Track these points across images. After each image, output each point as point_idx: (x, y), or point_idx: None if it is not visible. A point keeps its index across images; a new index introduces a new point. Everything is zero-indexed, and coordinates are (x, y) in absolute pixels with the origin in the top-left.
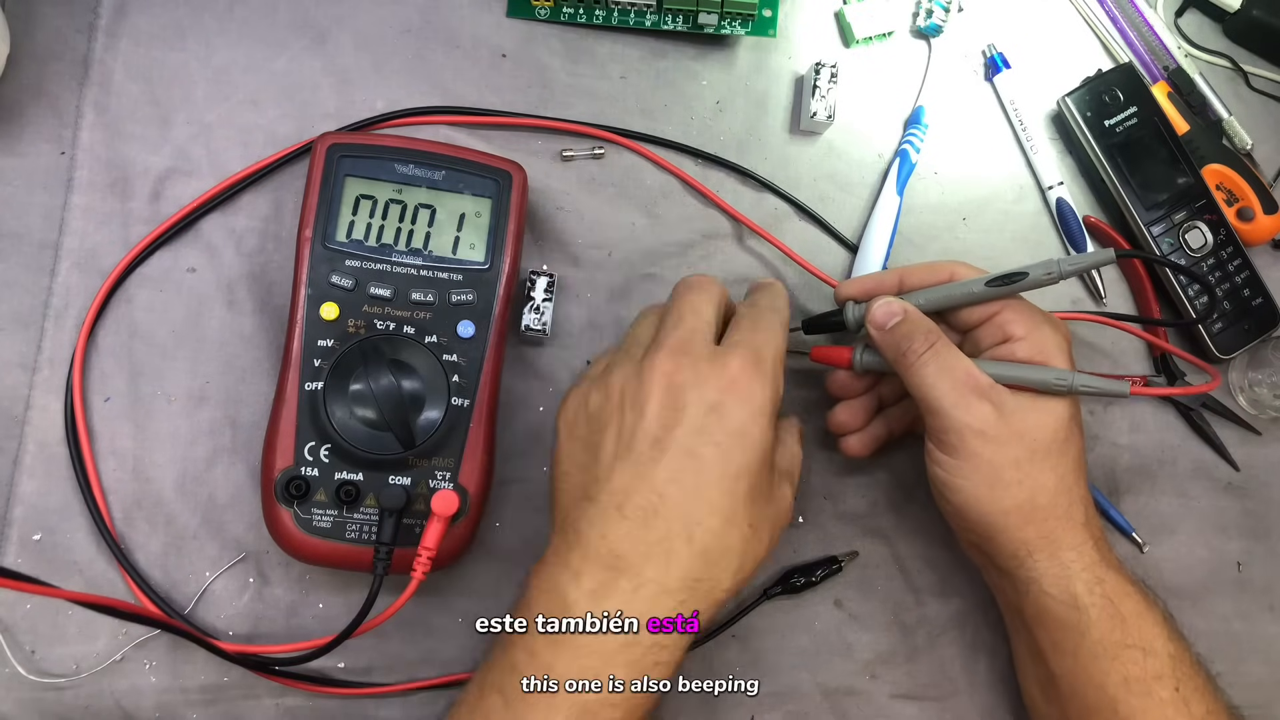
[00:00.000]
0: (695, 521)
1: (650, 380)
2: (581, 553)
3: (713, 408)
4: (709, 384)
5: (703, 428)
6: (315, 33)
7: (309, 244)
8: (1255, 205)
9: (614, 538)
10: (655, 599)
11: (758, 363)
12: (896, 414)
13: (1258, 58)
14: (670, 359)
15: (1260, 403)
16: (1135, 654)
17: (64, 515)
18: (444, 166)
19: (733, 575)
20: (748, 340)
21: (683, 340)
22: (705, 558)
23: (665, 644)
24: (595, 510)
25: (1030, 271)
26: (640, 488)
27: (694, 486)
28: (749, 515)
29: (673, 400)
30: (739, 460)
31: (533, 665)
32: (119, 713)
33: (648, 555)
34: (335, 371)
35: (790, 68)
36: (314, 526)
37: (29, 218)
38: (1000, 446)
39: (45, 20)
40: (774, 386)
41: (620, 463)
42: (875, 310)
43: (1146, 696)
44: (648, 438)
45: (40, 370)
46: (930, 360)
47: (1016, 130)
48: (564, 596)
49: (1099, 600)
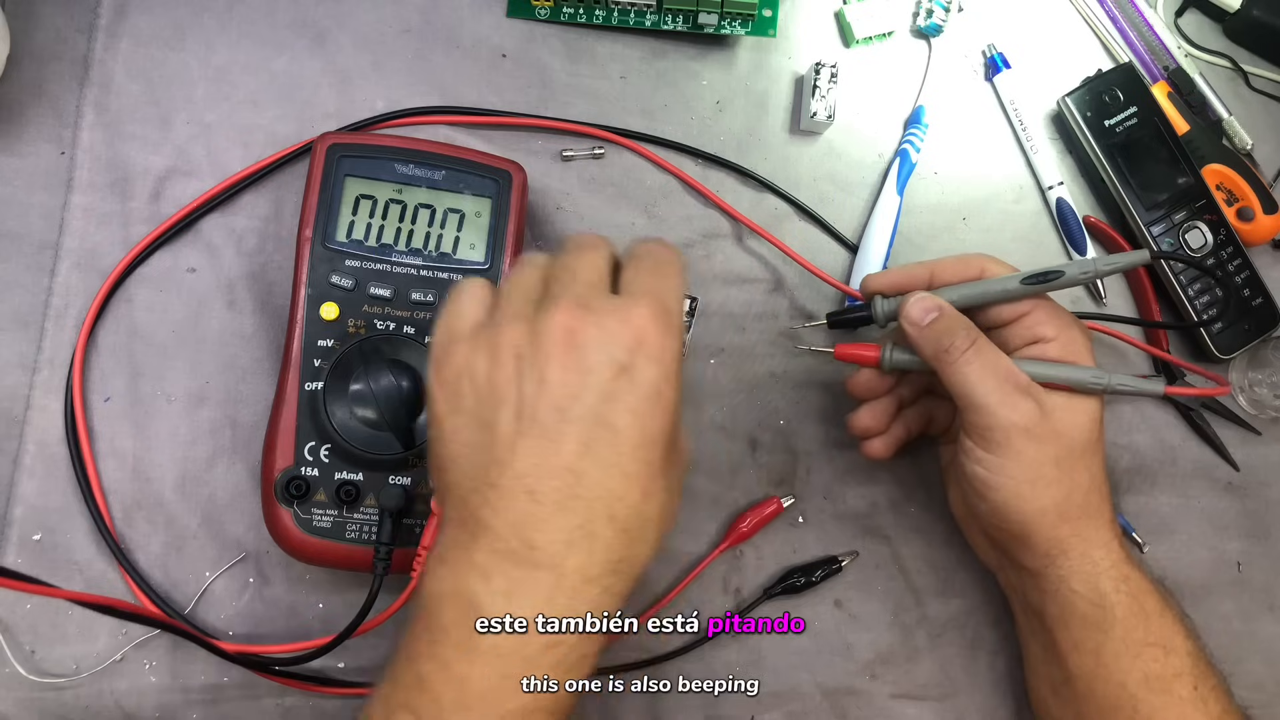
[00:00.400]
0: (616, 498)
1: (550, 340)
2: (488, 547)
3: (623, 369)
4: (616, 341)
5: (613, 393)
6: (315, 33)
7: (309, 244)
8: (1255, 205)
9: (527, 526)
10: (577, 591)
11: (664, 314)
12: (913, 415)
13: (1258, 58)
14: (569, 314)
15: (1260, 403)
16: (1157, 652)
17: (64, 515)
18: (444, 166)
19: (652, 546)
20: (650, 288)
21: (581, 295)
22: (627, 535)
23: (592, 634)
24: (499, 497)
25: (1066, 270)
26: (551, 466)
27: (611, 459)
28: (665, 481)
29: (576, 363)
30: (653, 426)
31: (444, 678)
32: (119, 713)
33: (569, 543)
34: (335, 372)
35: (790, 68)
36: (314, 526)
37: (29, 218)
38: (1042, 444)
39: (45, 20)
40: (680, 339)
41: (523, 440)
42: (911, 306)
43: (1166, 694)
44: (552, 407)
45: (40, 370)
46: (974, 358)
47: (1016, 130)
48: (473, 598)
49: (1125, 598)
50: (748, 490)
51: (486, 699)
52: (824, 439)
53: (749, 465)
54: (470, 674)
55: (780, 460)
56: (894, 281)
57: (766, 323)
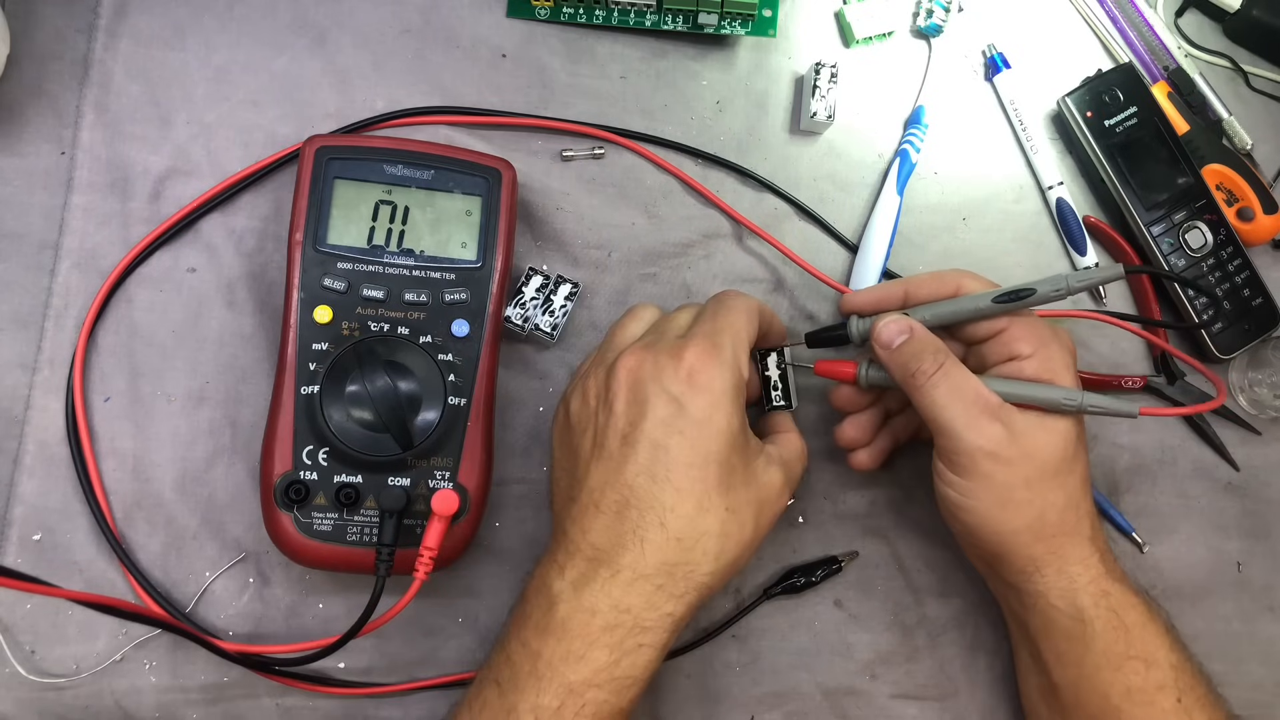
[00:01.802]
0: (667, 509)
1: (616, 379)
2: (566, 549)
3: (674, 399)
4: (670, 376)
5: (666, 419)
6: (315, 33)
7: (300, 248)
8: (1255, 205)
9: (593, 531)
10: (631, 584)
11: (715, 349)
12: (901, 423)
13: (1258, 58)
14: (633, 356)
15: (1260, 403)
16: (1138, 665)
17: (64, 515)
18: (433, 166)
19: (714, 559)
20: (705, 329)
21: (649, 340)
22: (680, 543)
23: (647, 626)
24: (576, 509)
25: (1038, 288)
26: (613, 482)
27: (663, 476)
28: (725, 500)
29: (636, 395)
30: (705, 448)
31: (524, 653)
32: (119, 713)
33: (622, 544)
34: (331, 375)
35: (790, 68)
36: (315, 530)
37: (29, 218)
38: (1011, 467)
39: (45, 20)
40: (734, 370)
41: (595, 462)
42: (881, 329)
43: (1150, 707)
44: (617, 435)
45: (40, 370)
46: (940, 381)
47: (1016, 130)
48: (550, 589)
49: (1104, 613)
50: None
51: (555, 668)
52: (824, 439)
53: None
54: (543, 650)
55: None
56: (870, 300)
57: None
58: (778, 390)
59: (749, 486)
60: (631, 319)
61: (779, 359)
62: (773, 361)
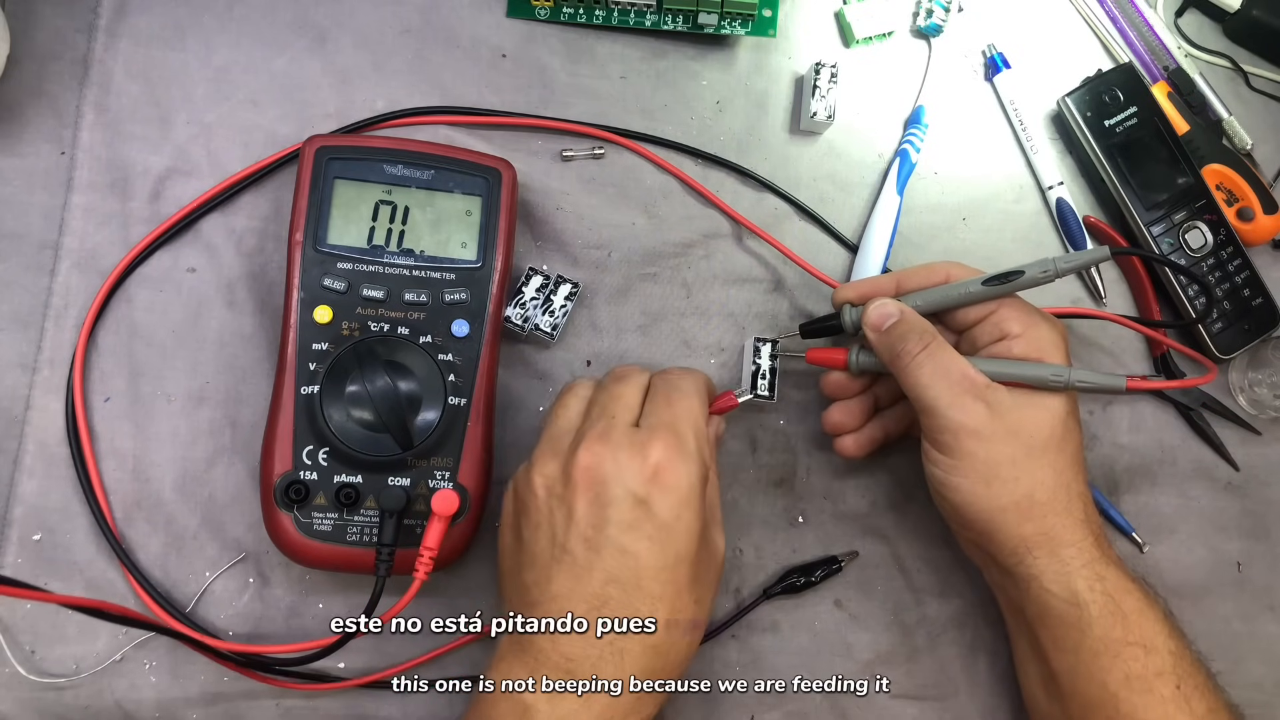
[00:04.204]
0: (644, 618)
1: (574, 479)
2: (535, 659)
3: (639, 501)
4: (633, 475)
5: (632, 523)
6: (315, 33)
7: (300, 248)
8: (1255, 205)
9: (564, 644)
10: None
11: (679, 443)
12: (892, 416)
13: (1258, 58)
14: (590, 452)
15: (1260, 403)
16: (1137, 651)
17: (64, 515)
18: (433, 166)
19: (689, 646)
20: (663, 419)
21: (603, 430)
22: (657, 650)
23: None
24: (540, 613)
25: (1026, 270)
26: (580, 593)
27: (633, 584)
28: (694, 594)
29: (599, 497)
30: (674, 549)
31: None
32: (119, 713)
33: (599, 659)
34: (331, 375)
35: (790, 68)
36: (315, 530)
37: (29, 218)
38: (995, 444)
39: (45, 20)
40: (699, 463)
41: (558, 566)
42: (871, 312)
43: (1148, 694)
44: (579, 539)
45: (40, 370)
46: (925, 361)
47: (1016, 130)
48: (523, 701)
49: (1100, 597)
50: (748, 490)
51: None
52: (824, 439)
53: (749, 465)
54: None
55: (780, 460)
56: (862, 291)
57: (766, 323)
58: (764, 380)
59: (710, 568)
60: (570, 397)
61: (773, 349)
62: (767, 351)
